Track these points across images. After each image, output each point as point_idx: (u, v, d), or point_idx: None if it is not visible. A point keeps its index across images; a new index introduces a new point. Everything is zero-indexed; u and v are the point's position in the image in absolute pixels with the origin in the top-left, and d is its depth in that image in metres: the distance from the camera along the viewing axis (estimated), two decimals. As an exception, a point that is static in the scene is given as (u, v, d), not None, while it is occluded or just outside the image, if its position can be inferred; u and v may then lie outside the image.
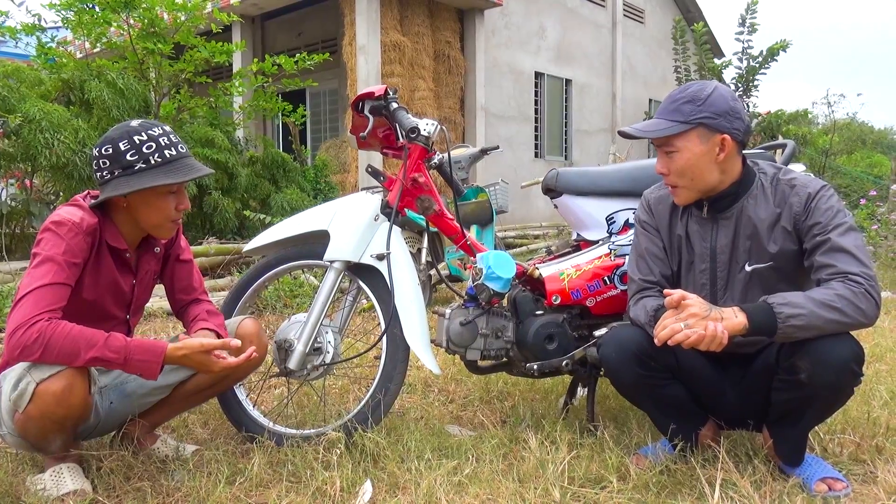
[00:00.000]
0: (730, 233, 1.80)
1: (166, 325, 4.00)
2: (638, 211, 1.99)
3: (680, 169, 1.75)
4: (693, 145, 1.73)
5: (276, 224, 2.24)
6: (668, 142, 1.75)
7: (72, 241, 1.71)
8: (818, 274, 1.64)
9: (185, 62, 6.22)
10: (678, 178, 1.77)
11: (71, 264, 1.70)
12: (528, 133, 11.53)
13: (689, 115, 1.72)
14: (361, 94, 2.14)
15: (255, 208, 6.89)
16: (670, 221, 1.90)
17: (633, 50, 13.76)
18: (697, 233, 1.85)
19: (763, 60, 10.24)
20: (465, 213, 5.17)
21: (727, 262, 1.80)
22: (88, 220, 1.76)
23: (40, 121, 4.80)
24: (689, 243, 1.87)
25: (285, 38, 11.34)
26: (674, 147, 1.74)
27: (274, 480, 1.80)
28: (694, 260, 1.85)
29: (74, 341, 1.61)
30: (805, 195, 1.71)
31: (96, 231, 1.78)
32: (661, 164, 1.79)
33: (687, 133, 1.72)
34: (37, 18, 6.14)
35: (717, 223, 1.82)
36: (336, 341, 2.13)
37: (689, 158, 1.73)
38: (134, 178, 1.77)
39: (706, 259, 1.83)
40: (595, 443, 1.97)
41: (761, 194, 1.77)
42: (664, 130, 1.73)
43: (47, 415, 1.62)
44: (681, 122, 1.72)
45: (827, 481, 1.71)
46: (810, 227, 1.69)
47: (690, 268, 1.86)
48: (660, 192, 1.94)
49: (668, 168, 1.77)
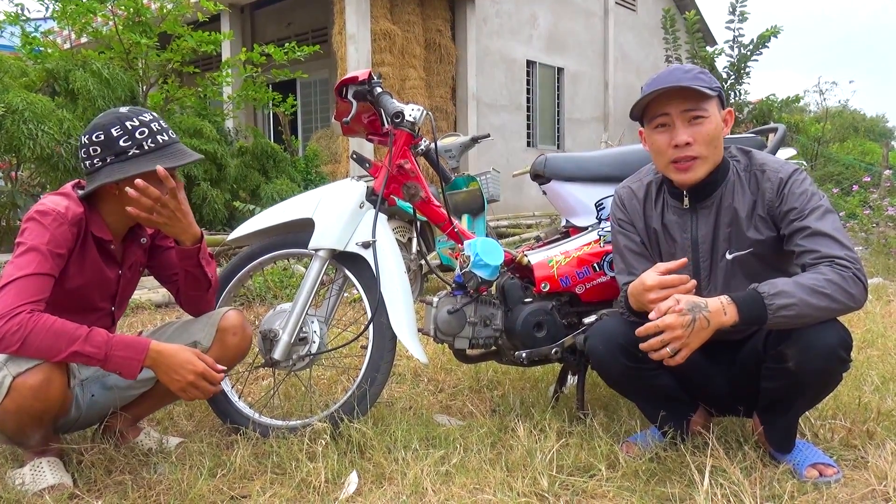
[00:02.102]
0: (710, 222, 1.76)
1: (154, 317, 3.96)
2: (612, 208, 1.95)
3: (711, 135, 1.67)
4: (717, 113, 1.69)
5: (261, 212, 2.20)
6: (700, 106, 1.66)
7: (56, 231, 1.66)
8: (802, 259, 1.60)
9: (171, 52, 6.14)
10: (705, 146, 1.67)
11: (55, 255, 1.66)
12: (520, 122, 11.48)
13: (710, 83, 1.67)
14: (345, 79, 2.10)
15: (245, 199, 6.84)
16: (644, 215, 1.87)
17: (625, 38, 13.70)
18: (676, 224, 1.81)
19: (754, 48, 10.22)
20: (457, 202, 5.13)
21: (709, 252, 1.77)
22: (74, 210, 1.72)
23: (24, 111, 4.73)
24: (669, 235, 1.83)
25: (275, 29, 11.24)
26: (706, 112, 1.67)
27: (258, 472, 1.77)
28: (675, 251, 1.82)
29: (55, 335, 1.58)
30: (777, 181, 1.68)
31: (82, 221, 1.74)
32: (686, 133, 1.67)
33: (712, 100, 1.68)
34: (20, 8, 6.06)
35: (696, 213, 1.78)
36: (322, 331, 2.10)
37: (717, 126, 1.68)
38: (128, 163, 1.73)
39: (687, 250, 1.80)
40: (584, 431, 1.95)
41: (737, 181, 1.74)
42: (706, 90, 1.64)
43: (24, 409, 1.58)
44: (708, 87, 1.66)
45: (818, 467, 1.69)
46: (786, 213, 1.65)
47: (672, 259, 1.83)
48: (630, 187, 1.91)
49: (695, 136, 1.67)
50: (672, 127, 1.69)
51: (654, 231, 1.85)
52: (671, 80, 1.66)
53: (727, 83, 10.74)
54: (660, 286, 1.61)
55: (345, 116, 2.09)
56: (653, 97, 1.68)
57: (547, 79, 12.08)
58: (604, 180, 2.23)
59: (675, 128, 1.69)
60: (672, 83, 1.66)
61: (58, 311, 1.63)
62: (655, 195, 1.86)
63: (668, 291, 1.59)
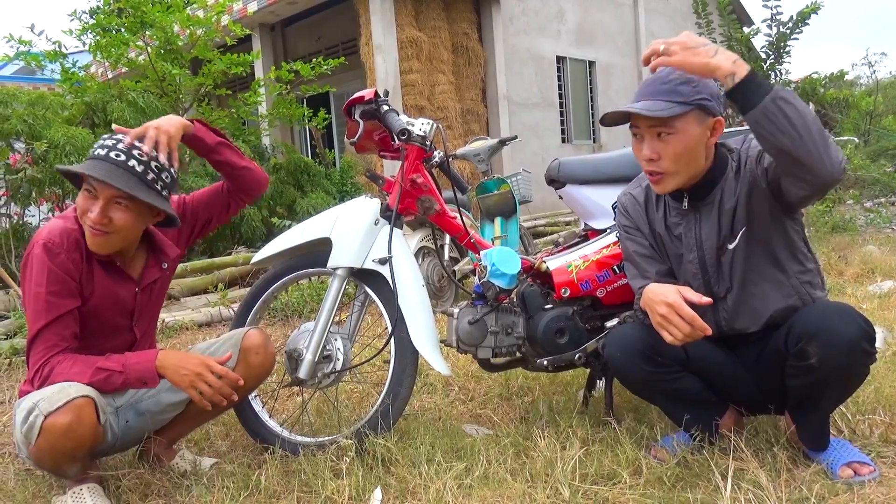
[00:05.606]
0: (713, 219, 1.74)
1: (196, 336, 4.07)
2: (616, 216, 1.94)
3: (677, 152, 1.66)
4: (691, 127, 1.64)
5: (282, 234, 2.25)
6: (666, 123, 1.64)
7: (54, 263, 1.73)
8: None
9: (203, 76, 6.31)
10: (673, 162, 1.67)
11: (63, 291, 1.73)
12: (553, 119, 11.39)
13: (689, 95, 1.63)
14: (352, 99, 2.13)
15: (283, 214, 6.96)
16: (648, 219, 1.85)
17: (656, 25, 13.44)
18: (680, 225, 1.79)
19: (794, 25, 9.90)
20: (488, 205, 5.11)
21: (714, 248, 1.74)
22: (69, 232, 1.77)
23: (65, 145, 4.93)
24: (673, 236, 1.81)
25: (306, 43, 11.42)
26: (672, 129, 1.64)
27: (286, 491, 1.81)
28: (682, 252, 1.79)
29: (80, 363, 1.72)
30: (756, 152, 1.67)
31: (79, 241, 1.79)
32: (651, 149, 1.67)
33: (686, 115, 1.64)
34: (57, 45, 6.32)
35: (698, 212, 1.76)
36: (346, 348, 2.13)
37: (688, 141, 1.65)
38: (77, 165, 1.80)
39: (693, 248, 1.77)
40: (610, 436, 1.92)
41: (733, 175, 1.71)
42: (669, 110, 1.61)
43: (57, 448, 1.64)
44: (681, 102, 1.63)
45: (853, 465, 1.64)
46: (768, 169, 1.62)
47: (679, 260, 1.81)
48: (631, 193, 1.90)
49: (662, 152, 1.66)
50: (642, 139, 1.69)
51: (659, 234, 1.83)
52: (643, 94, 1.67)
53: (766, 63, 10.46)
54: (677, 309, 1.58)
55: (353, 136, 2.12)
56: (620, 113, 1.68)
57: (578, 73, 11.96)
58: (619, 181, 2.21)
59: (644, 141, 1.69)
60: (641, 99, 1.66)
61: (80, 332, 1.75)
62: (656, 198, 1.84)
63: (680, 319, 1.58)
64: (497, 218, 5.37)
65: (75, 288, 1.76)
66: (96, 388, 1.71)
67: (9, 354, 3.42)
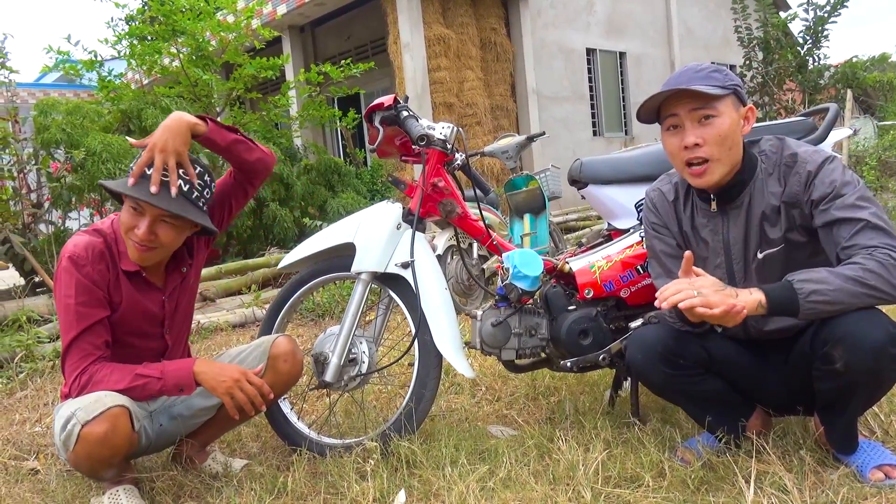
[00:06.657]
0: (741, 223, 1.70)
1: (230, 338, 4.15)
2: (644, 212, 1.91)
3: (721, 135, 1.62)
4: (731, 111, 1.64)
5: (307, 239, 2.28)
6: (711, 105, 1.62)
7: (81, 274, 1.78)
8: (839, 253, 1.53)
9: (234, 80, 6.42)
10: (717, 147, 1.63)
11: (92, 301, 1.79)
12: (584, 112, 11.29)
13: (724, 81, 1.63)
14: (372, 106, 2.15)
15: (314, 215, 7.05)
16: (677, 217, 1.83)
17: (688, 13, 13.21)
18: (707, 227, 1.77)
19: (832, 8, 9.62)
20: (517, 202, 5.11)
21: (741, 253, 1.72)
22: (93, 245, 1.82)
23: (101, 153, 5.08)
24: (700, 238, 1.78)
25: (335, 43, 11.51)
26: (716, 111, 1.62)
27: (312, 493, 1.84)
28: (707, 255, 1.77)
29: (118, 371, 1.77)
30: (805, 173, 1.61)
31: (104, 253, 1.83)
32: (695, 134, 1.63)
33: (726, 98, 1.63)
34: (93, 55, 6.50)
35: (726, 215, 1.73)
36: (371, 351, 2.16)
37: (731, 125, 1.63)
38: (120, 181, 1.81)
39: (720, 253, 1.75)
40: (633, 438, 1.92)
41: (766, 178, 1.67)
42: (714, 90, 1.60)
43: (94, 455, 1.70)
44: (720, 86, 1.62)
45: (884, 468, 1.61)
46: (816, 204, 1.58)
47: (705, 263, 1.77)
48: (661, 188, 1.86)
49: (705, 136, 1.63)
50: (682, 128, 1.66)
51: (686, 233, 1.81)
52: (679, 82, 1.64)
53: (804, 49, 10.19)
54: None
55: (374, 142, 2.14)
56: (661, 100, 1.66)
57: (609, 65, 11.83)
58: (642, 180, 2.19)
59: (685, 129, 1.65)
60: (678, 85, 1.63)
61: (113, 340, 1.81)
62: (684, 197, 1.82)
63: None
64: (526, 215, 5.38)
65: (104, 297, 1.82)
66: (135, 394, 1.76)
67: (52, 357, 3.54)
